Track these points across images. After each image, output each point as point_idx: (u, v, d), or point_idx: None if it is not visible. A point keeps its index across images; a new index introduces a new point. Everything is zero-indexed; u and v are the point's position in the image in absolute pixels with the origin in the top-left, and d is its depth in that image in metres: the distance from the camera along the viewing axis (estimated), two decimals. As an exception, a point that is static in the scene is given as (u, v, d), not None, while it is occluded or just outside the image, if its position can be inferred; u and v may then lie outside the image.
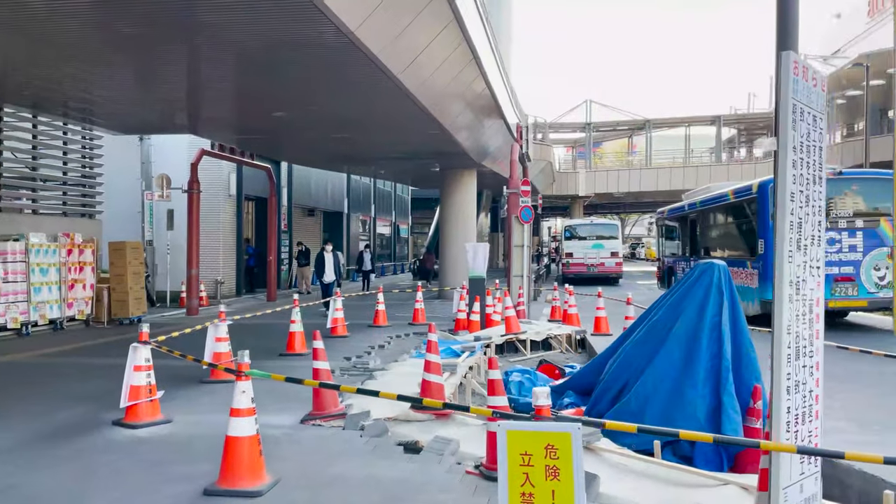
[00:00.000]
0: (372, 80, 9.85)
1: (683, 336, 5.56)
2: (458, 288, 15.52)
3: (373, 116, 12.88)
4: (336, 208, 32.06)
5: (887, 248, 12.39)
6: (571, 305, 13.56)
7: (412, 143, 16.18)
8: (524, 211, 15.01)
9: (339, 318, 12.56)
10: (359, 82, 10.13)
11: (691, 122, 47.80)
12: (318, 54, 8.80)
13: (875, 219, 12.62)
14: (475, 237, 22.92)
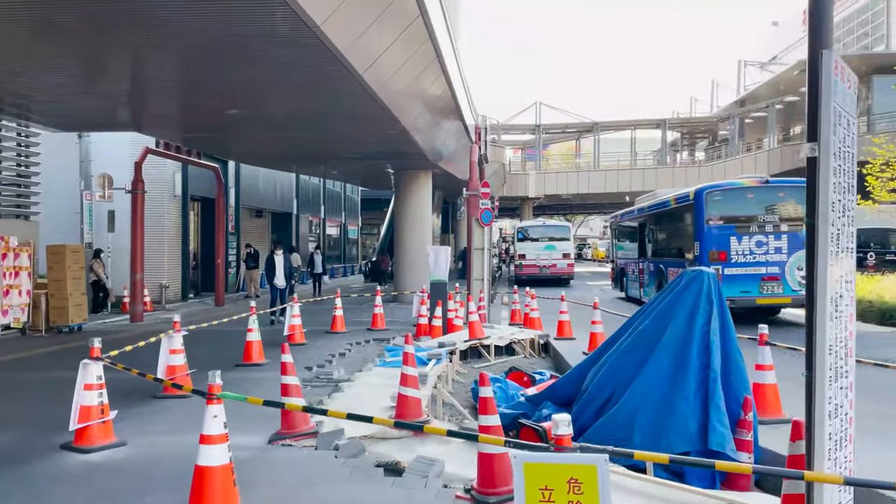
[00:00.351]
0: (334, 78, 9.44)
1: (673, 345, 5.38)
2: (417, 292, 15.21)
3: (331, 115, 12.44)
4: (285, 209, 31.32)
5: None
6: (533, 309, 13.38)
7: (370, 143, 15.76)
8: (485, 213, 14.79)
9: (296, 325, 12.09)
10: (320, 80, 9.71)
11: (637, 126, 48.56)
12: (280, 50, 8.35)
13: (798, 223, 13.57)
14: (431, 239, 22.62)
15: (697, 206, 14.28)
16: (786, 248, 13.68)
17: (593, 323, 10.59)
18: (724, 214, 14.17)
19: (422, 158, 18.23)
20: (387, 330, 13.84)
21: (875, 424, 6.22)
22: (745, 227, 13.91)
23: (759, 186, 14.33)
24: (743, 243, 13.84)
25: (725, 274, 13.75)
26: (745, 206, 14.20)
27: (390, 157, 18.42)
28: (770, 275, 13.56)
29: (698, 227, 14.18)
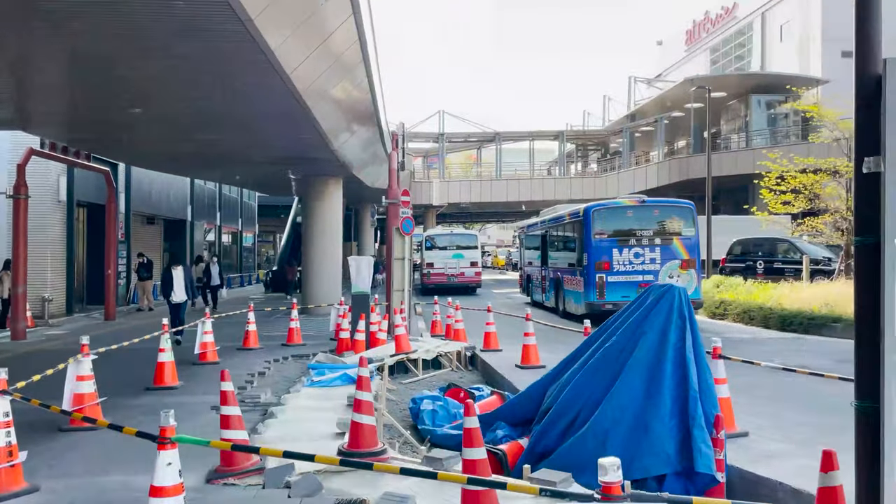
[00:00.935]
0: (258, 77, 8.80)
1: (644, 364, 5.21)
2: (335, 304, 14.61)
3: (247, 117, 11.68)
4: (178, 216, 29.59)
5: (678, 261, 15.86)
6: (458, 321, 13.12)
7: (283, 147, 15.00)
8: (405, 222, 14.40)
9: (208, 343, 11.21)
10: (243, 79, 9.03)
11: (536, 137, 49.62)
12: (203, 44, 7.65)
13: (670, 237, 16.00)
14: (341, 247, 21.95)
15: (586, 221, 16.18)
16: (659, 258, 15.82)
17: (526, 335, 10.43)
18: (608, 229, 16.12)
19: (335, 165, 17.62)
20: (303, 345, 13.16)
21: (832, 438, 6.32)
22: (626, 241, 15.91)
23: (637, 205, 16.59)
24: (623, 254, 15.79)
25: (609, 281, 15.73)
26: (626, 223, 16.22)
27: (302, 163, 17.67)
28: (646, 282, 14.84)
29: (587, 239, 16.10)
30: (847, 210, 16.91)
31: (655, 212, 16.44)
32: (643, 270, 15.62)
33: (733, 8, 53.07)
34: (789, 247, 22.96)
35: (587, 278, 16.03)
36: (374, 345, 12.22)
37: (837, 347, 11.82)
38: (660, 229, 16.06)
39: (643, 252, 15.77)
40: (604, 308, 15.32)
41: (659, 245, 15.86)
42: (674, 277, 15.54)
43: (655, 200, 17.94)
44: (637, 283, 15.19)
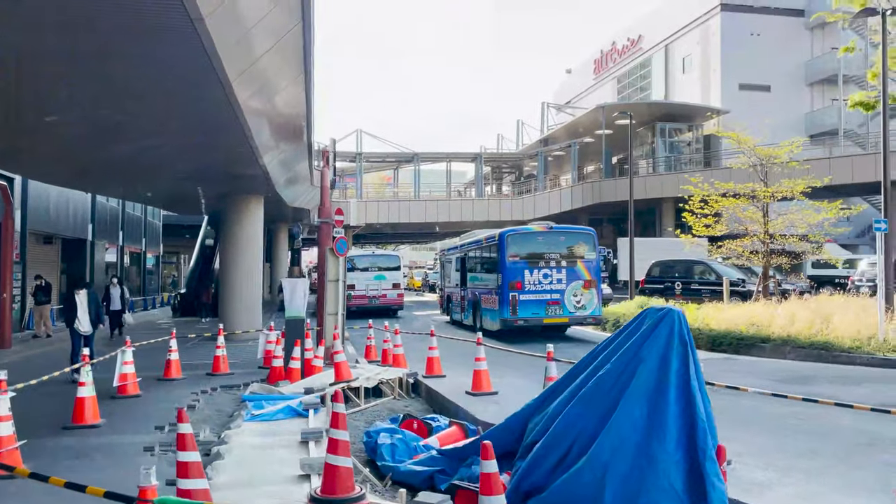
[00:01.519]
0: (198, 85, 8.10)
1: (645, 392, 4.92)
2: (264, 330, 13.78)
3: (177, 128, 10.81)
4: (78, 234, 27.55)
5: (581, 281, 17.48)
6: (397, 345, 12.59)
7: (210, 162, 14.10)
8: (340, 242, 13.80)
9: (129, 374, 10.21)
10: (179, 86, 8.28)
11: (454, 158, 49.82)
12: (143, 46, 6.90)
13: (574, 260, 17.66)
14: (261, 270, 20.96)
15: (501, 245, 17.63)
16: (565, 279, 17.38)
17: (477, 360, 10.04)
18: (521, 253, 17.56)
19: (260, 182, 16.79)
20: (231, 374, 12.28)
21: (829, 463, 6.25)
22: (535, 263, 17.37)
23: (545, 231, 18.27)
24: (534, 275, 17.26)
25: (521, 300, 17.14)
26: (536, 247, 17.74)
27: (225, 179, 16.73)
28: (553, 300, 17.18)
29: (502, 262, 17.48)
30: (764, 234, 17.60)
31: (561, 237, 18.16)
32: (551, 290, 17.26)
33: (638, 40, 55.45)
34: (705, 268, 23.78)
35: (502, 297, 17.39)
36: (309, 373, 11.52)
37: (773, 367, 12.10)
38: (565, 253, 17.70)
39: (551, 273, 17.32)
40: (516, 324, 17.07)
41: (565, 267, 17.44)
42: (577, 296, 17.42)
43: (561, 227, 19.66)
44: (546, 301, 17.18)
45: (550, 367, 7.93)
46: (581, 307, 17.47)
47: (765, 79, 46.36)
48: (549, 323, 17.42)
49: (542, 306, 17.18)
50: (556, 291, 17.26)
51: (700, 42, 48.33)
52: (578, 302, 17.44)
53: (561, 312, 17.32)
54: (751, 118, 44.39)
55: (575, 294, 17.36)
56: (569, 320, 17.61)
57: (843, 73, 45.72)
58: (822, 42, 47.40)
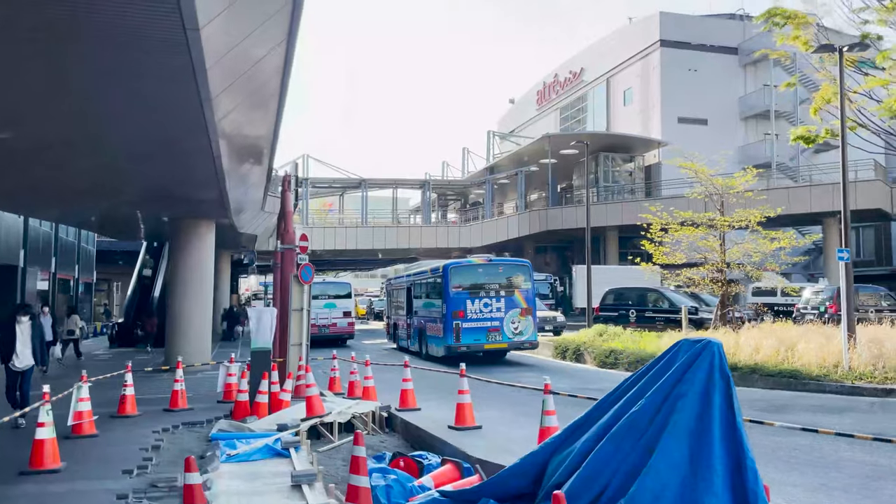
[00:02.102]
0: (175, 101, 7.56)
1: (686, 430, 4.66)
2: (224, 362, 13.05)
3: (141, 146, 10.14)
4: (9, 261, 25.92)
5: (519, 309, 18.54)
6: (368, 377, 12.08)
7: (167, 184, 13.37)
8: (305, 269, 13.28)
9: (84, 412, 9.40)
10: (157, 101, 7.72)
11: (401, 185, 49.55)
12: (130, 55, 6.37)
13: (512, 290, 18.85)
14: (212, 298, 20.06)
15: (445, 276, 18.73)
16: (503, 308, 18.45)
17: (461, 392, 9.65)
18: (463, 283, 18.63)
19: (216, 206, 16.09)
20: (191, 410, 11.52)
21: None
22: (477, 293, 18.48)
23: (485, 263, 19.69)
24: (475, 304, 18.31)
25: (464, 328, 18.18)
26: (477, 278, 18.92)
27: (179, 203, 15.96)
28: (493, 327, 18.32)
29: (446, 292, 18.53)
30: (722, 262, 17.90)
31: (500, 269, 19.48)
32: (491, 318, 18.39)
33: (580, 73, 56.74)
34: (658, 296, 24.07)
35: (446, 325, 18.46)
36: (277, 408, 10.89)
37: (746, 396, 12.06)
38: (504, 283, 18.90)
39: (491, 302, 18.44)
40: (459, 350, 17.86)
41: (503, 296, 18.59)
42: (515, 323, 18.48)
43: (500, 259, 21.49)
44: (487, 329, 18.36)
45: (548, 401, 7.64)
46: (518, 333, 18.57)
47: (702, 113, 47.99)
48: (489, 349, 18.50)
49: (483, 333, 18.30)
50: (495, 319, 18.38)
51: (641, 76, 49.76)
52: (516, 328, 18.54)
53: (500, 339, 18.39)
54: (689, 150, 45.94)
55: (513, 321, 18.48)
56: (507, 346, 18.67)
57: (775, 108, 47.78)
58: (755, 79, 49.50)
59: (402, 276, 26.23)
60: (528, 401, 12.12)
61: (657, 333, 19.13)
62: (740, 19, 50.57)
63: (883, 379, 11.97)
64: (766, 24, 23.32)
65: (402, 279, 25.71)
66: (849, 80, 23.13)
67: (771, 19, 22.97)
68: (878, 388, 11.71)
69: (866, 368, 12.39)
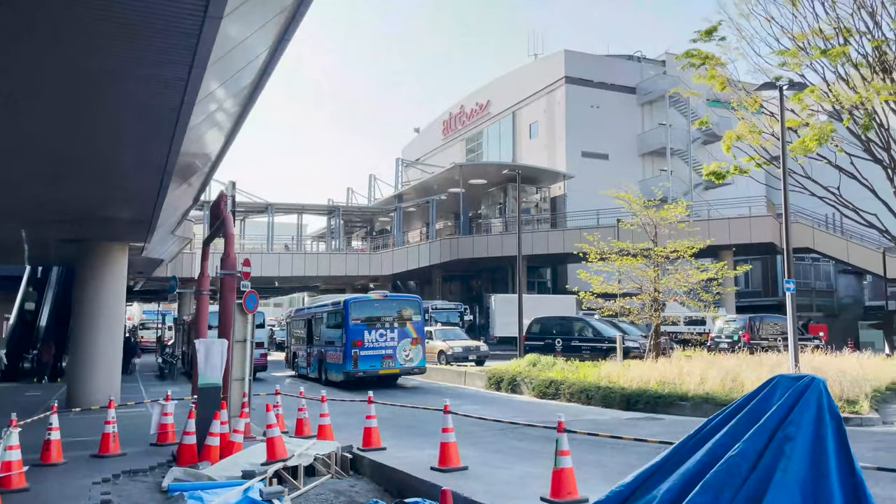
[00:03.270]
0: (156, 108, 6.56)
1: (798, 479, 4.25)
2: (159, 400, 11.69)
3: (93, 162, 8.88)
4: None
5: (410, 339, 20.88)
6: (324, 414, 11.11)
7: (88, 201, 11.91)
8: (250, 297, 12.19)
9: (13, 462, 7.98)
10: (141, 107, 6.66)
11: (308, 210, 48.11)
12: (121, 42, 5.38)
13: (404, 322, 21.10)
14: (122, 329, 18.25)
15: (346, 309, 20.87)
16: (397, 338, 20.76)
17: (445, 431, 8.95)
18: (361, 316, 20.82)
19: (135, 228, 14.66)
20: (124, 455, 10.16)
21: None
22: (374, 324, 20.70)
23: (381, 299, 22.15)
24: (372, 334, 20.52)
25: (361, 355, 20.24)
26: (373, 311, 21.25)
27: (88, 223, 14.36)
28: (387, 354, 20.55)
29: (346, 323, 20.61)
30: (655, 291, 18.19)
31: (394, 303, 21.93)
32: (385, 346, 20.60)
33: (487, 104, 57.71)
34: (583, 325, 24.26)
35: (345, 353, 20.47)
36: (228, 451, 9.78)
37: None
38: (397, 316, 21.19)
39: (385, 333, 20.68)
40: (357, 375, 20.24)
41: (397, 328, 20.86)
42: (406, 351, 20.71)
43: (394, 295, 24.67)
44: (381, 356, 20.53)
45: (562, 440, 7.11)
46: (409, 360, 20.85)
47: (604, 148, 49.81)
48: (383, 374, 20.69)
49: (378, 360, 20.48)
50: (389, 348, 20.63)
51: (546, 110, 51.15)
52: (407, 356, 20.79)
53: (393, 364, 20.65)
54: (592, 183, 47.51)
55: (405, 350, 20.77)
56: (399, 371, 20.96)
57: (670, 146, 50.32)
58: (651, 118, 52.06)
59: (303, 309, 28.51)
60: (496, 438, 11.59)
61: (593, 363, 19.12)
62: (637, 61, 53.14)
63: (833, 407, 12.30)
64: (683, 64, 24.41)
65: (303, 311, 27.72)
66: (758, 119, 24.55)
67: (689, 60, 24.07)
68: (831, 416, 12.00)
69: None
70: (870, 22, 20.98)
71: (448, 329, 29.60)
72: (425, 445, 11.09)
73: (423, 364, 21.31)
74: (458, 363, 25.61)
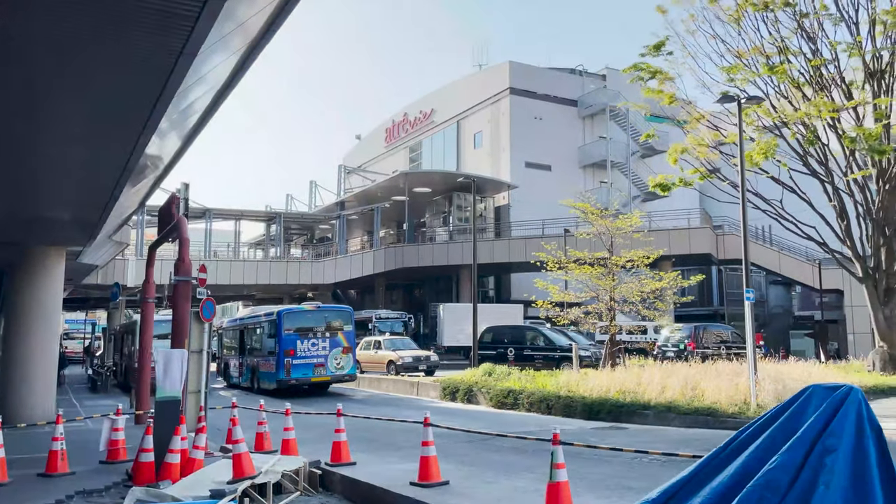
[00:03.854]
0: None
1: (839, 497, 4.08)
2: (109, 415, 10.90)
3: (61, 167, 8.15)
4: None
5: (341, 348, 21.65)
6: (288, 428, 10.56)
7: (26, 203, 11.07)
8: (207, 305, 11.58)
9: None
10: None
11: (248, 216, 46.83)
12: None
13: (335, 332, 21.94)
14: (57, 341, 17.11)
15: (279, 320, 21.54)
16: (328, 346, 21.47)
17: (425, 444, 8.57)
18: (294, 326, 21.45)
19: (78, 231, 13.79)
20: (73, 474, 9.40)
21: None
22: (306, 334, 21.40)
23: (313, 310, 22.80)
24: (304, 344, 21.17)
25: (294, 364, 20.86)
26: (306, 321, 21.89)
27: (22, 226, 13.43)
28: (319, 363, 21.27)
29: (279, 333, 21.27)
30: (611, 300, 18.30)
31: (326, 314, 22.69)
32: (317, 355, 21.27)
33: (431, 113, 57.63)
34: (535, 334, 24.27)
35: (278, 362, 21.01)
36: (190, 469, 9.16)
37: (678, 436, 12.10)
38: (329, 326, 21.97)
39: (317, 342, 21.37)
40: (290, 383, 20.86)
41: (328, 337, 21.61)
42: (337, 359, 21.45)
43: (326, 306, 25.33)
44: (313, 364, 21.20)
45: (557, 453, 6.86)
46: (340, 368, 21.59)
47: (546, 159, 50.40)
48: (315, 381, 21.43)
49: (310, 368, 21.15)
50: (321, 356, 21.31)
51: (491, 121, 51.41)
52: (338, 364, 21.51)
53: (325, 372, 21.37)
54: (536, 194, 48.08)
55: (336, 358, 21.47)
56: (330, 378, 21.75)
57: (610, 159, 51.30)
58: (592, 131, 53.02)
59: (236, 320, 29.13)
60: (466, 450, 11.29)
61: (549, 372, 19.07)
62: (579, 74, 54.09)
63: (794, 415, 12.53)
64: (632, 77, 24.83)
65: (236, 322, 28.29)
66: (702, 133, 25.18)
67: (637, 73, 24.50)
68: (794, 423, 12.20)
69: (774, 405, 12.93)
70: (809, 44, 21.84)
71: (396, 339, 29.19)
72: (394, 459, 10.72)
73: (353, 371, 22.28)
74: (409, 373, 25.23)
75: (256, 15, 5.75)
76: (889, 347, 21.37)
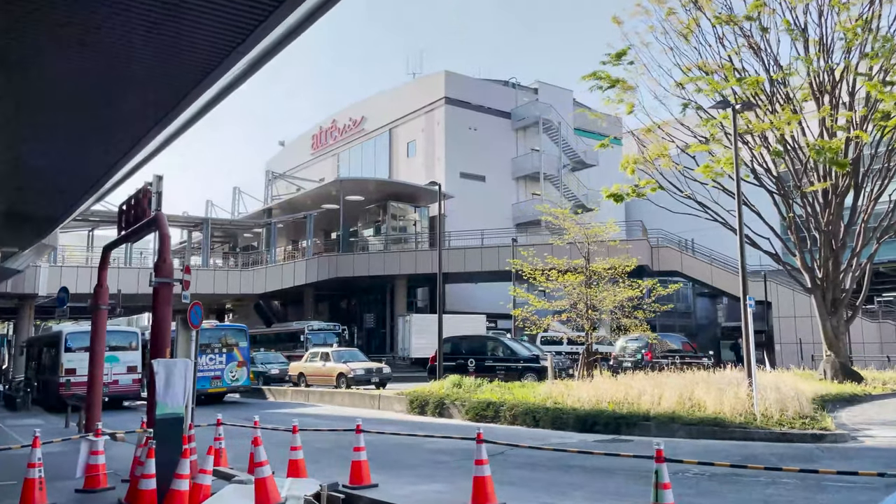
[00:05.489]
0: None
1: None
2: (88, 435, 9.41)
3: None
4: None
5: (236, 362, 24.00)
6: (296, 447, 9.42)
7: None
8: (194, 310, 10.28)
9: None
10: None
11: (171, 223, 44.03)
12: None
13: (232, 347, 24.18)
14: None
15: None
16: (225, 360, 23.83)
17: (479, 463, 7.68)
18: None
19: (42, 225, 12.09)
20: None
21: None
22: (203, 350, 22.73)
23: (212, 328, 24.99)
24: (202, 359, 22.54)
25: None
26: (203, 338, 22.31)
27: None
28: (216, 375, 23.53)
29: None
30: (590, 310, 17.94)
31: (223, 332, 25.12)
32: (214, 369, 23.46)
33: (361, 121, 56.49)
34: (496, 344, 23.65)
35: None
36: (197, 497, 7.90)
37: (693, 448, 11.67)
38: (226, 342, 24.15)
39: (215, 357, 23.58)
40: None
41: (225, 352, 23.89)
42: (233, 372, 23.74)
43: (223, 324, 29.35)
44: (210, 377, 23.29)
45: (663, 472, 6.17)
46: (236, 379, 23.94)
47: (481, 170, 50.24)
48: (212, 392, 23.38)
49: (207, 381, 22.97)
50: (218, 370, 23.54)
51: (425, 129, 50.81)
52: (234, 376, 23.82)
53: (221, 384, 23.67)
54: (471, 204, 47.76)
55: (232, 371, 23.78)
56: (226, 389, 24.06)
57: (543, 171, 51.71)
58: (525, 143, 53.33)
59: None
60: (503, 467, 10.43)
61: (521, 384, 18.49)
62: (513, 87, 54.42)
63: (801, 425, 12.40)
64: (591, 86, 24.79)
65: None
66: (651, 145, 25.41)
67: (597, 81, 24.48)
68: (805, 433, 12.04)
69: (777, 414, 12.78)
70: (756, 60, 22.43)
71: (345, 350, 27.93)
72: (412, 478, 9.80)
73: (247, 383, 24.92)
74: (360, 386, 24.07)
75: None
76: (837, 356, 22.03)
